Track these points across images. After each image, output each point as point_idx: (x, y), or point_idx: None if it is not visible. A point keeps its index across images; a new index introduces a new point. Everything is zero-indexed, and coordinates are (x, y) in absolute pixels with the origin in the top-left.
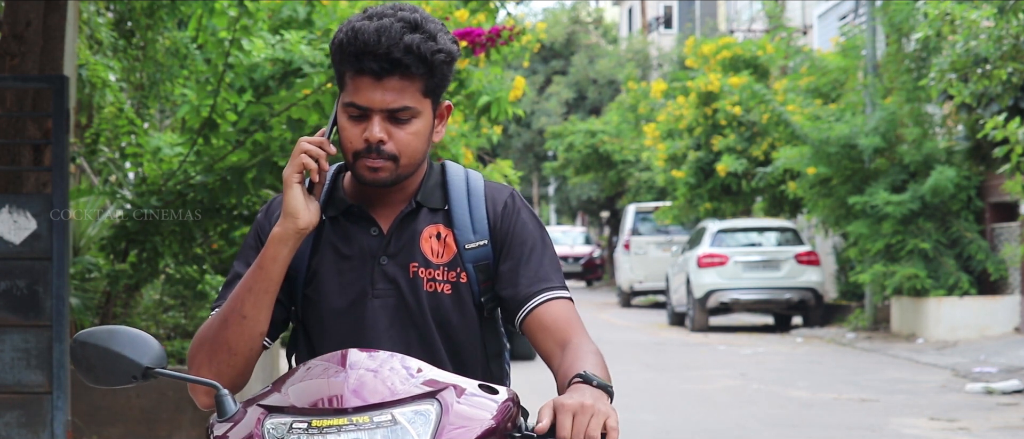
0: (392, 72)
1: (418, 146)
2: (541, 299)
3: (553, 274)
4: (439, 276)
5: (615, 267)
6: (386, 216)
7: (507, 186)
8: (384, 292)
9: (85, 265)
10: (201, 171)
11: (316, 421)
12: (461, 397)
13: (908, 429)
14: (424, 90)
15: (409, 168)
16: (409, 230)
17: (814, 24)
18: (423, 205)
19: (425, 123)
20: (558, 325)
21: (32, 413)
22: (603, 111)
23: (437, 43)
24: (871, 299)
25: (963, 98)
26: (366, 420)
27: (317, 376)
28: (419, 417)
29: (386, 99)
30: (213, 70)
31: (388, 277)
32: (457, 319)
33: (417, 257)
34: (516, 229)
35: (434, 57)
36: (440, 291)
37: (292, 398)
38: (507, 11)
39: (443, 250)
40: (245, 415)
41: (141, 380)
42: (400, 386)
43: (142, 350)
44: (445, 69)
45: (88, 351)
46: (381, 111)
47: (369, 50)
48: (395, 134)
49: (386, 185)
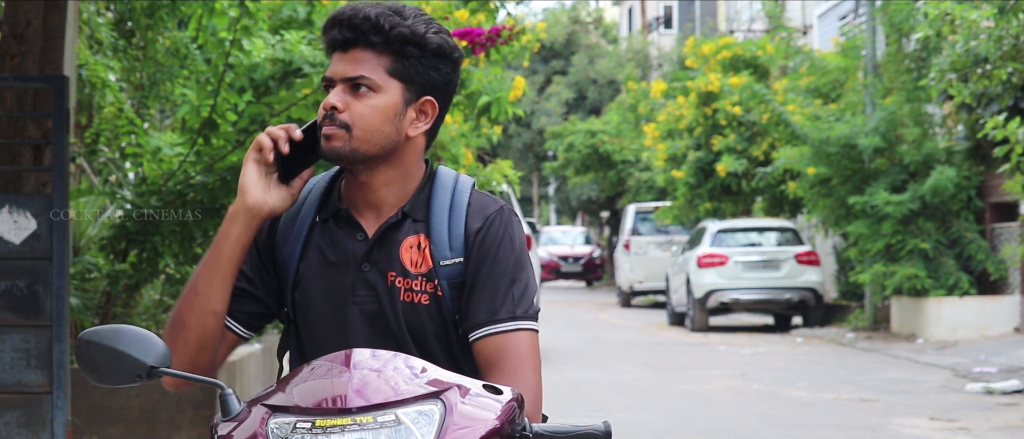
0: (355, 43)
1: (374, 121)
2: (486, 331)
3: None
4: (416, 286)
5: (615, 267)
6: (373, 222)
7: (497, 201)
8: (364, 299)
9: (85, 265)
10: (201, 171)
11: (320, 421)
12: (465, 397)
13: (908, 429)
14: (390, 69)
15: (364, 143)
16: (392, 238)
17: (814, 24)
18: (408, 215)
19: (388, 102)
20: (493, 362)
21: (32, 413)
22: (603, 111)
23: (406, 25)
24: (871, 299)
25: (963, 98)
26: (370, 420)
27: (321, 376)
28: (423, 417)
29: (346, 68)
30: (213, 70)
31: (368, 284)
32: (434, 331)
33: (396, 266)
34: (489, 251)
35: (393, 32)
36: (417, 302)
37: (296, 398)
38: (507, 11)
39: (421, 261)
40: (249, 415)
41: (146, 379)
42: (404, 386)
43: (147, 349)
44: (414, 53)
45: (93, 350)
46: (342, 80)
47: (340, 20)
48: (351, 104)
49: (342, 157)
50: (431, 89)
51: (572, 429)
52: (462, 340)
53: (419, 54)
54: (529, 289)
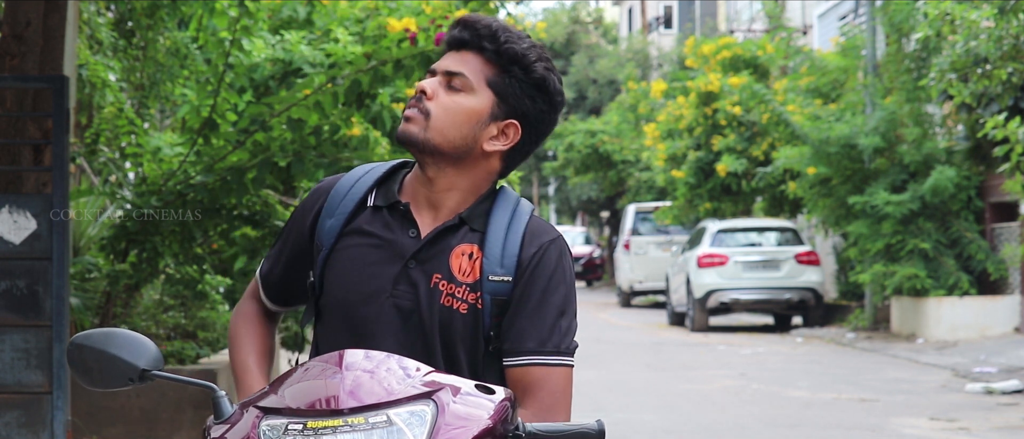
0: (468, 45)
1: (456, 117)
2: (530, 360)
3: (557, 338)
4: (459, 294)
5: (615, 267)
6: (428, 223)
7: (554, 230)
8: (402, 294)
9: (85, 265)
10: (201, 171)
11: (311, 422)
12: (457, 397)
13: (908, 429)
14: (489, 79)
15: (438, 136)
16: (444, 242)
17: (814, 24)
18: (466, 222)
19: (475, 105)
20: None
21: (32, 413)
22: (603, 111)
23: (521, 45)
24: (871, 299)
25: (963, 98)
26: (361, 421)
27: (313, 377)
28: (415, 417)
29: (450, 63)
30: (213, 70)
31: (411, 281)
32: (465, 340)
33: (443, 269)
34: (541, 278)
35: (505, 46)
36: (456, 308)
37: (288, 400)
38: (507, 11)
39: (470, 270)
40: (242, 417)
41: (138, 383)
42: (396, 386)
43: (139, 352)
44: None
45: (85, 354)
46: (443, 73)
47: (461, 21)
48: (440, 94)
49: (414, 142)
50: (521, 115)
51: (565, 428)
52: (489, 356)
53: (522, 77)
54: (573, 325)
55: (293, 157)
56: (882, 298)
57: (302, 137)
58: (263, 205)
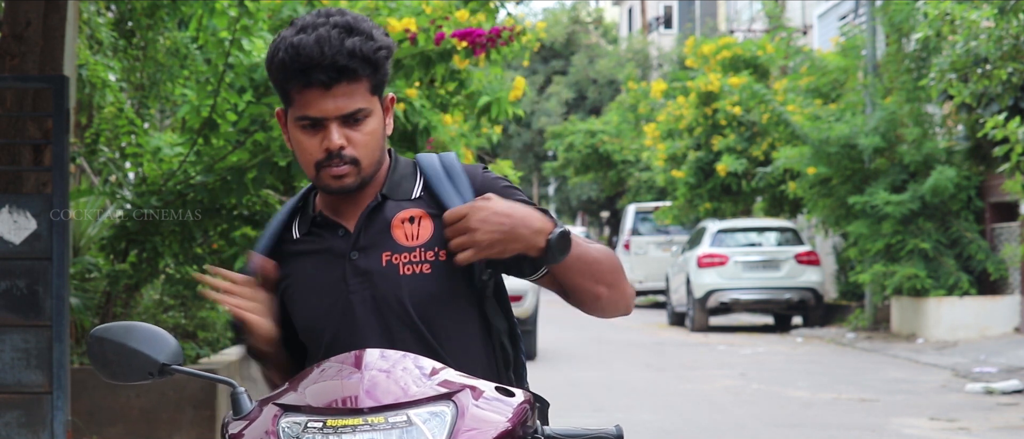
0: (339, 79)
1: (375, 145)
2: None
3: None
4: (416, 258)
5: None
6: (352, 216)
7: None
8: (358, 287)
9: (85, 265)
10: (201, 171)
11: (331, 421)
12: (477, 399)
13: (908, 429)
14: (371, 89)
15: (371, 168)
16: (377, 222)
17: (814, 24)
18: (388, 197)
19: (378, 120)
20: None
21: (32, 413)
22: (603, 111)
23: (376, 41)
24: (871, 299)
25: (963, 98)
26: (381, 420)
27: (332, 376)
28: (434, 418)
29: (339, 105)
30: (213, 70)
31: (360, 271)
32: (440, 297)
33: (388, 245)
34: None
35: (376, 55)
36: (418, 272)
37: (308, 397)
38: (507, 11)
39: (418, 232)
40: (260, 413)
41: (157, 377)
42: (414, 387)
43: (159, 347)
44: (387, 65)
45: (105, 347)
46: (335, 118)
47: (314, 63)
48: (352, 138)
49: (352, 190)
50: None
51: (584, 432)
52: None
53: (388, 64)
54: None
55: (293, 157)
56: (882, 298)
57: None
58: (263, 205)
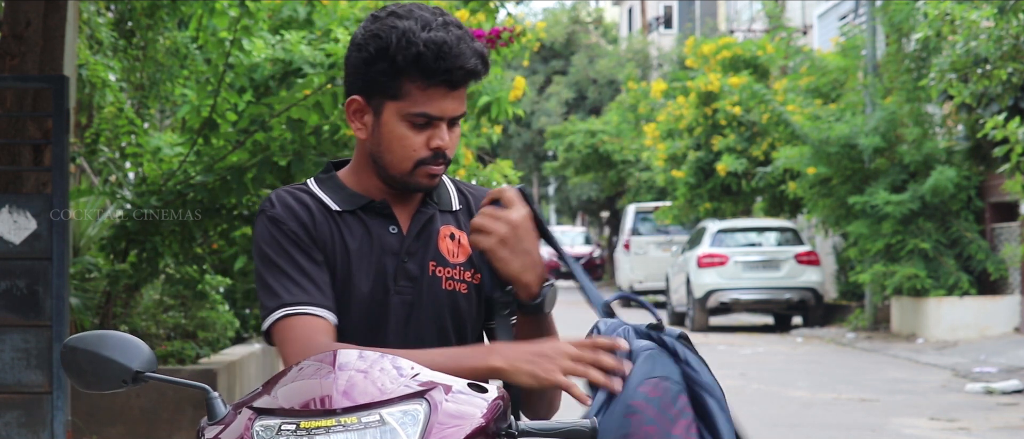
0: (466, 81)
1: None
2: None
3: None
4: (456, 275)
5: (615, 267)
6: (403, 214)
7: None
8: (405, 289)
9: (85, 265)
10: (201, 171)
11: (304, 422)
12: (449, 395)
13: (908, 429)
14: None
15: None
16: (428, 229)
17: (814, 24)
18: (437, 206)
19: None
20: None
21: (32, 413)
22: (603, 111)
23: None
24: (871, 299)
25: (963, 98)
26: (354, 421)
27: (307, 377)
28: (408, 417)
29: (455, 106)
30: (213, 70)
31: (409, 275)
32: (472, 319)
33: (435, 256)
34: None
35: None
36: (457, 291)
37: (281, 400)
38: (507, 11)
39: (458, 251)
40: (235, 418)
41: (131, 384)
42: (390, 386)
43: (132, 354)
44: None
45: (78, 356)
46: (448, 118)
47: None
48: (450, 139)
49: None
50: None
51: (558, 426)
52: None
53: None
54: None
55: (293, 157)
56: (882, 298)
57: (302, 137)
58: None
